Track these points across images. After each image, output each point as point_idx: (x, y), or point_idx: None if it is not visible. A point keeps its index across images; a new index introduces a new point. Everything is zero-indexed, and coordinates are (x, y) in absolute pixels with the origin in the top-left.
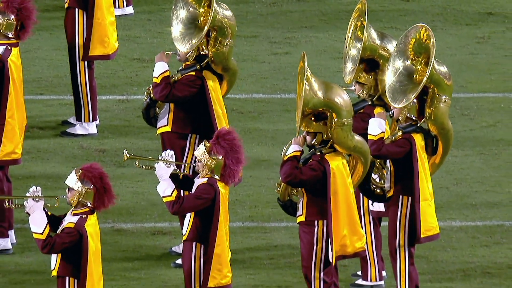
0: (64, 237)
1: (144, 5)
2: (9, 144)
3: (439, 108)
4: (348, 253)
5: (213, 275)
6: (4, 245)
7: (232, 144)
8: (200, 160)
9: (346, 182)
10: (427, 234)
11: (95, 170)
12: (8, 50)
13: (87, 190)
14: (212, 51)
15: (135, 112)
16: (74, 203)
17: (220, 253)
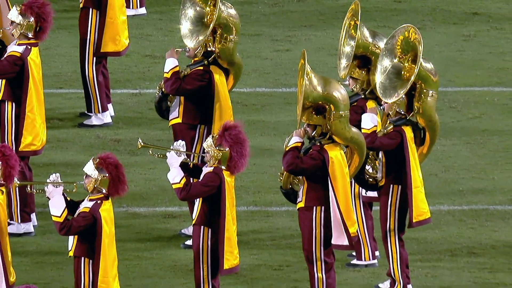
0: (79, 220)
1: (155, 6)
2: (29, 136)
3: (427, 102)
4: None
5: (227, 258)
6: (27, 228)
7: (237, 137)
8: (208, 151)
9: (344, 172)
10: (418, 219)
11: (111, 159)
12: (28, 49)
13: (103, 177)
14: (218, 47)
15: (147, 104)
16: (90, 189)
17: (230, 236)
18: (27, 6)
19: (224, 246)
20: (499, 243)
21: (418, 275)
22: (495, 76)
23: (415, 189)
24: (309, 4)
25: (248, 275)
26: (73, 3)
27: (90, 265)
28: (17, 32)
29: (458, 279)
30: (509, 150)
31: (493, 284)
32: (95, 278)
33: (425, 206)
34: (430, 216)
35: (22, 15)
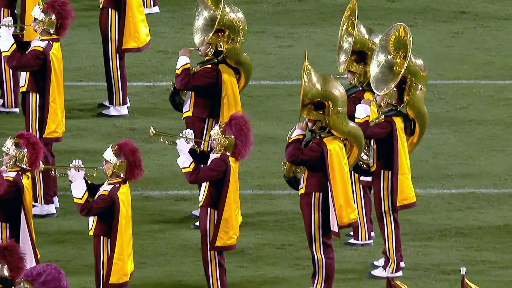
0: (99, 202)
1: (168, 5)
2: (52, 125)
3: (416, 95)
4: (344, 223)
5: (220, 236)
6: (49, 209)
7: (242, 126)
8: (215, 139)
9: (342, 162)
10: (403, 203)
11: (128, 146)
12: (50, 44)
13: (121, 163)
14: (226, 47)
15: (160, 96)
16: (109, 174)
17: (228, 218)
18: (49, 4)
19: (220, 225)
20: (484, 224)
21: (410, 254)
22: (481, 70)
23: (401, 176)
24: (309, 4)
25: (253, 253)
26: (92, 3)
27: (108, 243)
28: (40, 28)
29: (447, 257)
30: (494, 138)
31: (479, 262)
32: (112, 255)
33: (410, 191)
34: (415, 200)
35: (44, 12)
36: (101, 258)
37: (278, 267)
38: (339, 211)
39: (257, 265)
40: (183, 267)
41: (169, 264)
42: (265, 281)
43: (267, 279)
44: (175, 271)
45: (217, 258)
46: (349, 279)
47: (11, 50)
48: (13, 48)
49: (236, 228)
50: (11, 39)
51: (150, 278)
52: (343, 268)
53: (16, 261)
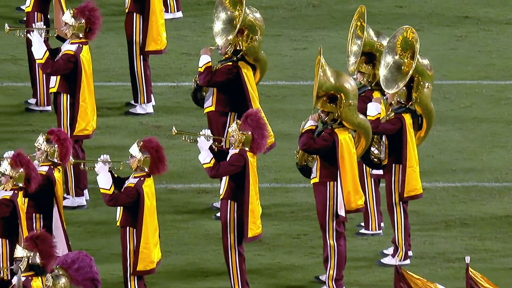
0: (126, 194)
1: (191, 11)
2: (82, 122)
3: (423, 93)
4: (352, 208)
5: (251, 227)
6: (80, 201)
7: (257, 122)
8: (233, 135)
9: (351, 152)
10: (409, 194)
11: (153, 142)
12: (80, 48)
13: (145, 158)
14: (245, 46)
15: (184, 95)
16: (134, 168)
17: (253, 209)
18: (79, 10)
19: (248, 218)
20: (487, 215)
21: (417, 243)
22: (484, 71)
23: (409, 168)
24: (323, 9)
25: (270, 242)
26: (120, 8)
27: (134, 233)
28: (70, 32)
29: (452, 246)
30: (495, 135)
31: (482, 251)
32: (138, 245)
33: (417, 183)
34: (422, 192)
35: (74, 17)
36: (128, 248)
37: (293, 256)
38: (347, 196)
39: (274, 254)
40: (204, 255)
41: (192, 253)
42: (281, 268)
43: (284, 266)
44: (197, 259)
45: (237, 248)
46: (360, 267)
47: (45, 57)
48: (47, 55)
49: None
50: (43, 47)
51: (174, 266)
52: (354, 256)
53: (47, 250)
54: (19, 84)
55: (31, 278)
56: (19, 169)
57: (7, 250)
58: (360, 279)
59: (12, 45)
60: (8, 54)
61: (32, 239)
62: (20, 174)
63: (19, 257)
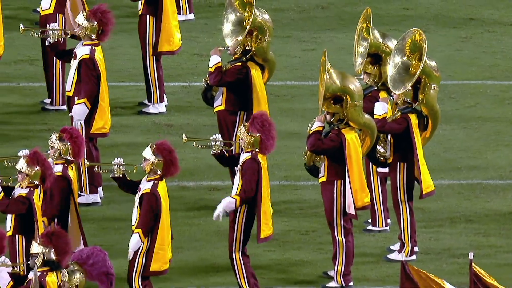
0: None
1: (202, 13)
2: (100, 121)
3: (430, 94)
4: (358, 206)
5: (263, 229)
6: (95, 199)
7: (264, 123)
8: (242, 138)
9: (358, 151)
10: (427, 191)
11: (165, 146)
12: (93, 49)
13: (158, 161)
14: (254, 46)
15: (195, 95)
16: (148, 171)
17: (266, 210)
18: (92, 12)
19: (260, 219)
20: (491, 211)
21: (423, 239)
22: (488, 72)
23: (422, 166)
24: (331, 11)
25: (280, 238)
26: (133, 10)
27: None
28: (83, 33)
29: (457, 242)
30: (499, 134)
31: (486, 247)
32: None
33: (430, 180)
34: (434, 188)
35: (87, 19)
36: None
37: (302, 251)
38: (354, 194)
39: (284, 249)
40: (216, 251)
41: (203, 249)
42: (291, 263)
43: (293, 262)
44: (208, 255)
45: (241, 246)
46: (367, 262)
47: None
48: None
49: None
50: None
51: (186, 261)
52: (362, 252)
53: (62, 246)
54: (35, 84)
55: (46, 273)
56: (35, 167)
57: (23, 246)
58: (368, 274)
59: (28, 46)
60: (25, 55)
61: (48, 236)
62: (36, 172)
63: (35, 253)
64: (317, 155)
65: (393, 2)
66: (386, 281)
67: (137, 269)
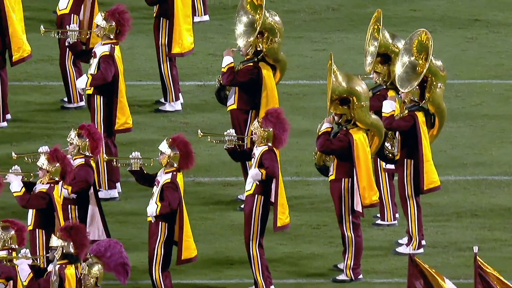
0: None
1: (217, 14)
2: (122, 117)
3: (436, 93)
4: (366, 204)
5: (280, 217)
6: (113, 194)
7: (277, 118)
8: (256, 132)
9: (366, 151)
10: (429, 187)
11: (181, 139)
12: (112, 48)
13: (174, 154)
14: (265, 47)
15: (210, 94)
16: (164, 164)
17: (283, 202)
18: (110, 12)
19: (277, 209)
20: (496, 206)
21: (430, 233)
22: (493, 71)
23: (426, 163)
24: (341, 12)
25: (292, 232)
26: (150, 12)
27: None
28: (101, 33)
29: (463, 236)
30: (504, 131)
31: (491, 240)
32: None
33: (435, 176)
34: (439, 184)
35: (105, 20)
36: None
37: (314, 245)
38: (362, 192)
39: (296, 243)
40: (230, 245)
41: (218, 242)
42: (302, 257)
43: (304, 255)
44: (223, 248)
45: (258, 239)
46: (376, 255)
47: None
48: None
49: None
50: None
51: (201, 254)
52: (371, 246)
53: (81, 240)
54: (55, 83)
55: (65, 266)
56: (56, 164)
57: (43, 240)
58: (376, 267)
59: (48, 46)
60: (45, 55)
61: (67, 230)
62: (56, 168)
63: (54, 246)
64: (326, 155)
65: (401, 4)
66: (394, 273)
67: (156, 260)
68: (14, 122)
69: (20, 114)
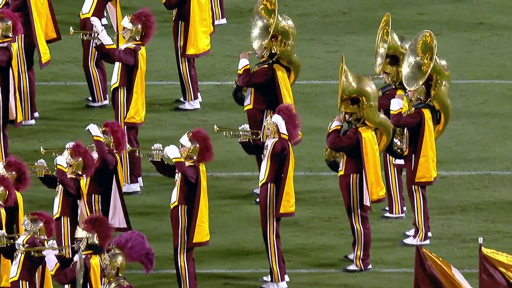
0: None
1: (234, 18)
2: (132, 111)
3: (441, 90)
4: (373, 199)
5: (283, 205)
6: (135, 188)
7: (289, 113)
8: (269, 128)
9: (374, 148)
10: (420, 180)
11: (201, 133)
12: (138, 46)
13: (194, 147)
14: (279, 50)
15: (227, 93)
16: (185, 156)
17: (289, 191)
18: (136, 16)
19: (282, 196)
20: (498, 200)
21: (436, 225)
22: (496, 72)
23: (422, 158)
24: (352, 16)
25: (305, 224)
26: (170, 15)
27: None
28: (128, 35)
29: (467, 228)
30: (506, 128)
31: (494, 232)
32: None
33: (428, 172)
34: (432, 180)
35: (132, 22)
36: (180, 224)
37: (325, 236)
38: (371, 188)
39: (308, 235)
40: (246, 236)
41: (235, 233)
42: (314, 248)
43: (316, 246)
44: (239, 239)
45: (275, 229)
46: (384, 247)
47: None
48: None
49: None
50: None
51: (219, 245)
52: (380, 237)
53: (104, 231)
54: (81, 83)
55: (90, 256)
56: (78, 158)
57: (69, 229)
58: (385, 257)
59: (74, 48)
60: (71, 57)
61: (91, 222)
62: (78, 162)
63: (79, 237)
64: (336, 151)
65: (408, 8)
66: (402, 264)
67: (181, 245)
68: (41, 120)
69: (47, 112)
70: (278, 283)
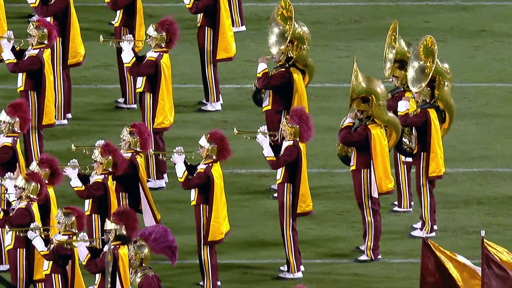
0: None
1: (252, 25)
2: (160, 117)
3: (444, 91)
4: (383, 191)
5: (300, 205)
6: (160, 184)
7: (302, 115)
8: (284, 130)
9: (383, 144)
10: (432, 175)
11: (218, 134)
12: (160, 55)
13: (212, 147)
14: (295, 54)
15: (247, 96)
16: (204, 156)
17: (304, 192)
18: (160, 24)
19: (298, 197)
20: (500, 195)
21: (441, 219)
22: (497, 76)
23: (432, 154)
24: (363, 24)
25: (319, 218)
26: (193, 23)
27: (206, 209)
28: (153, 43)
29: (470, 222)
30: (507, 128)
31: (495, 225)
32: (209, 219)
33: (438, 167)
34: (442, 174)
35: (156, 30)
36: (202, 222)
37: (338, 229)
38: (379, 181)
39: (322, 227)
40: (264, 229)
41: (253, 227)
42: (328, 239)
43: (330, 238)
44: (258, 232)
45: (291, 223)
46: (393, 238)
47: (132, 62)
48: (133, 61)
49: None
50: (131, 54)
51: (239, 237)
52: (389, 230)
53: (131, 223)
54: (110, 86)
55: (118, 246)
56: (108, 157)
57: (99, 224)
58: (394, 248)
59: (103, 53)
60: (101, 61)
61: (119, 214)
62: (108, 160)
63: (108, 229)
64: (347, 146)
65: (415, 16)
66: (410, 254)
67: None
68: (73, 120)
69: (79, 113)
70: (294, 273)
